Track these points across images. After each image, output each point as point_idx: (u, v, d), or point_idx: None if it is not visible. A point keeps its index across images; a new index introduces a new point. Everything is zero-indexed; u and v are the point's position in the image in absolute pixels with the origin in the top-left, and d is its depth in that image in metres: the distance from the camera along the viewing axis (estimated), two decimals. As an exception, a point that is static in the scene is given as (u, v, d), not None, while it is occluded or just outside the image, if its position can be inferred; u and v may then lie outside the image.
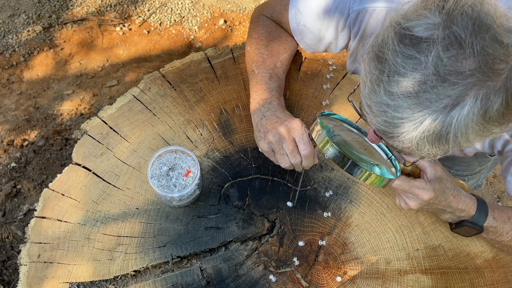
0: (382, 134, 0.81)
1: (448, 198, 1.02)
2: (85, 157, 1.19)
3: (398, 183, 0.99)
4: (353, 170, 0.91)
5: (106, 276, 1.06)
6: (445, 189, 1.01)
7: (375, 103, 0.76)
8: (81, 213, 1.13)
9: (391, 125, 0.76)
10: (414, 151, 0.79)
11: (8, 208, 2.25)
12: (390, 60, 0.73)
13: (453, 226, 1.10)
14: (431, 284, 1.09)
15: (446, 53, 0.69)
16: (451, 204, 1.03)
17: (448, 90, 0.70)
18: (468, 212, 1.04)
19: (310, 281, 1.07)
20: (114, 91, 2.62)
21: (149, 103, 1.27)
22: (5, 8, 2.83)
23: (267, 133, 1.08)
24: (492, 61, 0.69)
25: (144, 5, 2.92)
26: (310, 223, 1.14)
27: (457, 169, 1.60)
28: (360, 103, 0.84)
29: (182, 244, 1.10)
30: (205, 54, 1.37)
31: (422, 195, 0.98)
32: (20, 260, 1.08)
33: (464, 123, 0.72)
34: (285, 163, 1.07)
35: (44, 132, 2.46)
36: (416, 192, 0.98)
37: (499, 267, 1.12)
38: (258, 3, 2.97)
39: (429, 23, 0.71)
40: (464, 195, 1.04)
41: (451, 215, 1.06)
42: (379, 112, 0.76)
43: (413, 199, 1.01)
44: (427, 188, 0.98)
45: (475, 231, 1.07)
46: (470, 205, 1.04)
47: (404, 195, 1.02)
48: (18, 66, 2.65)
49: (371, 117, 0.79)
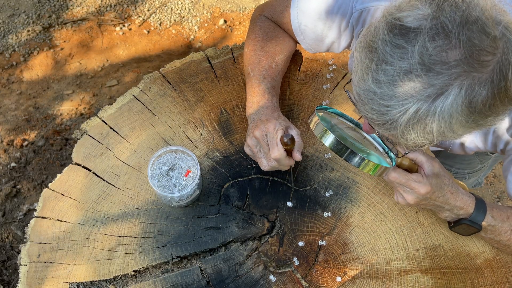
0: (371, 122, 0.83)
1: (446, 194, 1.02)
2: (85, 157, 1.19)
3: (395, 175, 1.00)
4: (350, 157, 0.93)
5: (106, 276, 1.06)
6: (442, 185, 1.02)
7: (364, 90, 0.79)
8: (81, 213, 1.13)
9: (377, 112, 0.78)
10: (399, 139, 0.81)
11: (8, 208, 2.25)
12: (380, 49, 0.75)
13: (451, 224, 1.10)
14: (431, 284, 1.09)
15: (432, 43, 0.70)
16: (449, 200, 1.03)
17: (432, 80, 0.71)
18: (467, 210, 1.04)
19: (310, 281, 1.07)
20: (114, 91, 2.62)
21: (149, 103, 1.27)
22: (5, 8, 2.83)
23: (248, 137, 1.11)
24: (478, 52, 0.70)
25: (144, 5, 2.92)
26: (310, 223, 1.14)
27: (458, 167, 1.60)
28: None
29: (182, 244, 1.10)
30: (205, 54, 1.37)
31: (418, 188, 0.99)
32: (20, 260, 1.08)
33: (448, 113, 0.74)
34: (263, 166, 1.09)
35: (44, 132, 2.46)
36: (413, 185, 0.99)
37: (499, 267, 1.12)
38: (258, 3, 2.97)
39: (419, 13, 0.73)
40: (463, 193, 1.04)
41: (450, 213, 1.06)
42: (367, 100, 0.79)
43: (410, 193, 1.01)
44: (423, 182, 0.99)
45: (473, 230, 1.06)
46: (468, 203, 1.04)
47: (401, 189, 1.03)
48: (18, 66, 2.65)
49: (360, 105, 0.82)
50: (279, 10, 1.26)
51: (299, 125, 1.26)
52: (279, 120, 1.09)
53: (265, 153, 1.08)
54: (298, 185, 1.18)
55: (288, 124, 1.10)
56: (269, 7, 1.29)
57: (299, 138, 1.08)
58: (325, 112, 1.04)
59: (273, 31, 1.27)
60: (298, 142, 1.08)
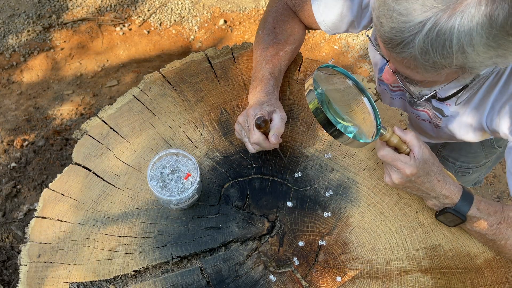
0: (392, 50, 0.85)
1: (432, 181, 1.03)
2: (85, 157, 1.19)
3: (383, 153, 1.02)
4: (327, 126, 0.95)
5: (106, 276, 1.06)
6: (429, 171, 1.03)
7: (383, 11, 0.82)
8: (81, 213, 1.13)
9: (397, 31, 0.80)
10: (419, 63, 0.82)
11: (8, 208, 2.25)
12: None
13: (437, 213, 1.11)
14: (431, 284, 1.09)
15: None
16: (435, 187, 1.04)
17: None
18: (452, 199, 1.05)
19: (310, 281, 1.07)
20: (114, 91, 2.63)
21: (149, 103, 1.27)
22: (5, 8, 2.83)
23: (236, 122, 1.17)
24: None
25: (144, 5, 2.92)
26: (310, 223, 1.14)
27: (463, 160, 1.60)
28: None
29: (182, 244, 1.10)
30: (205, 54, 1.37)
31: (404, 168, 1.00)
32: (20, 260, 1.08)
33: (468, 26, 0.74)
34: (249, 149, 1.15)
35: (44, 132, 2.46)
36: (399, 165, 1.01)
37: (499, 267, 1.12)
38: (258, 3, 2.97)
39: None
40: (450, 182, 1.06)
41: (436, 201, 1.07)
42: (386, 20, 0.81)
43: (396, 173, 1.03)
44: (410, 163, 1.01)
45: (458, 220, 1.07)
46: (454, 192, 1.05)
47: (389, 168, 1.05)
48: (18, 66, 2.65)
49: (379, 27, 0.84)
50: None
51: (299, 125, 1.26)
52: (264, 105, 1.12)
53: (248, 138, 1.12)
54: (298, 185, 1.18)
55: (274, 109, 1.13)
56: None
57: (280, 122, 1.11)
58: (326, 70, 1.04)
59: (287, 20, 1.28)
60: (277, 125, 1.10)
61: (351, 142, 0.97)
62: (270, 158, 1.21)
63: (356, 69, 2.86)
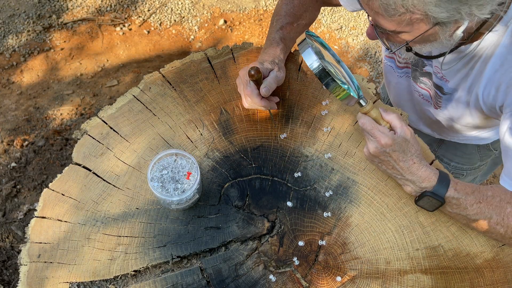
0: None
1: (408, 161, 1.06)
2: (85, 157, 1.19)
3: (363, 121, 1.06)
4: (322, 76, 1.00)
5: (106, 276, 1.06)
6: (406, 151, 1.05)
7: None
8: (81, 213, 1.13)
9: None
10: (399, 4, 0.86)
11: (8, 208, 2.25)
12: None
13: (416, 199, 1.12)
14: (431, 284, 1.09)
15: None
16: (411, 169, 1.06)
17: None
18: (429, 182, 1.06)
19: (310, 281, 1.07)
20: (114, 91, 2.63)
21: (149, 103, 1.27)
22: (5, 8, 2.84)
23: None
24: None
25: (144, 5, 2.92)
26: (310, 223, 1.14)
27: (457, 161, 1.60)
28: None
29: (182, 244, 1.10)
30: (205, 54, 1.37)
31: (380, 138, 1.04)
32: (20, 260, 1.08)
33: None
34: (243, 103, 1.21)
35: (44, 132, 2.46)
36: (376, 134, 1.04)
37: (499, 267, 1.12)
38: (258, 3, 2.98)
39: None
40: (427, 165, 1.07)
41: (414, 186, 1.08)
42: None
43: (372, 142, 1.06)
44: (387, 134, 1.04)
45: (437, 203, 1.08)
46: (431, 175, 1.06)
47: (367, 138, 1.08)
48: (18, 66, 2.66)
49: None
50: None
51: (299, 125, 1.26)
52: (265, 63, 1.20)
53: (243, 91, 1.19)
54: (298, 185, 1.18)
55: (272, 67, 1.20)
56: None
57: (273, 79, 1.17)
58: (313, 39, 1.10)
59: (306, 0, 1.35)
60: (268, 80, 1.16)
61: (343, 92, 1.02)
62: (270, 158, 1.21)
63: (356, 69, 2.86)
